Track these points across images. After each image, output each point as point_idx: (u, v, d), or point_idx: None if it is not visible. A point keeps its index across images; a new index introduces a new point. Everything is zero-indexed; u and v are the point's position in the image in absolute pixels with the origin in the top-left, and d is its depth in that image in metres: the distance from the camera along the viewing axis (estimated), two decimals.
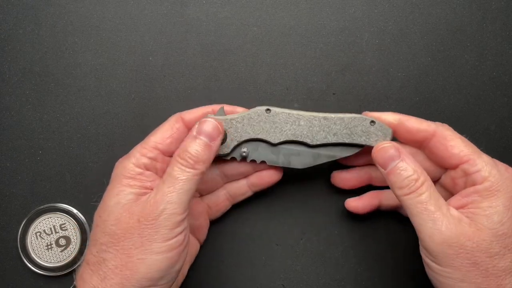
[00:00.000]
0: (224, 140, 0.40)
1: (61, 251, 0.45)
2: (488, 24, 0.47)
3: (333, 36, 0.47)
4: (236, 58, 0.47)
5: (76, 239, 0.46)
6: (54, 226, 0.45)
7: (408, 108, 0.47)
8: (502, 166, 0.38)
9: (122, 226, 0.36)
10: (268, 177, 0.43)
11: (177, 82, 0.47)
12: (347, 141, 0.40)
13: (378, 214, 0.46)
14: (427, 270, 0.38)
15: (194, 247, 0.44)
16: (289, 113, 0.39)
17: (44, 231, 0.45)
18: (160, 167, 0.40)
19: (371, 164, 0.43)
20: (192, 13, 0.47)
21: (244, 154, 0.40)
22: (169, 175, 0.37)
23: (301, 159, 0.41)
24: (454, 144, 0.38)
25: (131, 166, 0.38)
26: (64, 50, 0.46)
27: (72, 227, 0.46)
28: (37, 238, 0.45)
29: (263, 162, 0.42)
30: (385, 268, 0.46)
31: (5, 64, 0.46)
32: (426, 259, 0.37)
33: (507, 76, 0.47)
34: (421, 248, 0.37)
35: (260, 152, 0.41)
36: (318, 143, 0.40)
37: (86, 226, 0.46)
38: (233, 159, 0.41)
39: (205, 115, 0.40)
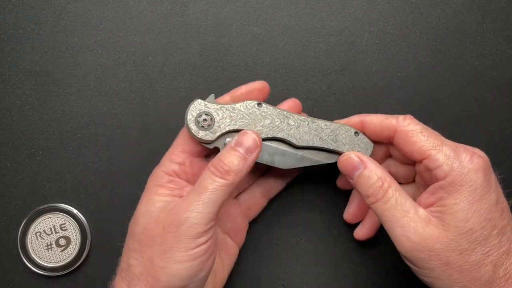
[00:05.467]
0: (211, 126, 0.39)
1: (61, 251, 0.45)
2: (488, 24, 0.47)
3: (333, 36, 0.47)
4: (236, 58, 0.47)
5: (76, 239, 0.45)
6: (54, 226, 0.45)
7: (408, 108, 0.47)
8: (466, 156, 0.36)
9: (148, 233, 0.36)
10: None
11: (177, 82, 0.47)
12: (331, 148, 0.40)
13: None
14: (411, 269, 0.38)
15: (233, 251, 0.43)
16: (279, 111, 0.40)
17: (44, 231, 0.45)
18: (189, 171, 0.40)
19: None
20: (192, 13, 0.47)
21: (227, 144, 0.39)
22: (199, 183, 0.36)
23: (285, 160, 0.41)
24: (415, 140, 0.37)
25: (161, 174, 0.39)
26: (64, 50, 0.46)
27: (72, 227, 0.46)
28: (37, 238, 0.45)
29: None
30: (385, 268, 0.46)
31: (5, 64, 0.46)
32: (406, 262, 0.37)
33: (507, 76, 0.47)
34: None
35: None
36: (304, 144, 0.40)
37: (86, 226, 0.46)
38: (216, 148, 0.40)
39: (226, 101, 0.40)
